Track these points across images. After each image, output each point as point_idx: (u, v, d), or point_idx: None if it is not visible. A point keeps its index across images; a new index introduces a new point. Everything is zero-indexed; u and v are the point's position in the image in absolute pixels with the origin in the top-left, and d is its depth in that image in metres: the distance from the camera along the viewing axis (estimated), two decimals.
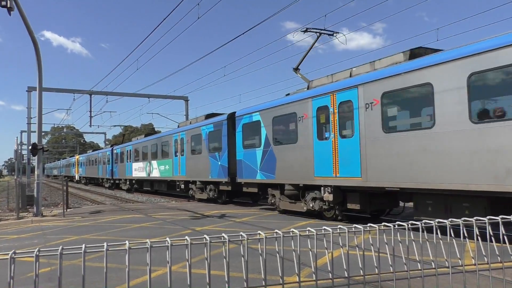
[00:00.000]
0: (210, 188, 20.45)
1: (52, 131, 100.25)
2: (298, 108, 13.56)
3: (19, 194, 16.96)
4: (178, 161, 23.35)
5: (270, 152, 14.89)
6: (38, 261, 3.16)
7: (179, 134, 23.52)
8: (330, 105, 12.28)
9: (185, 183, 23.07)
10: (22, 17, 14.95)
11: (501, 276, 4.86)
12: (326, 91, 12.49)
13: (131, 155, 32.78)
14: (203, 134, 20.41)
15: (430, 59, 9.48)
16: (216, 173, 18.99)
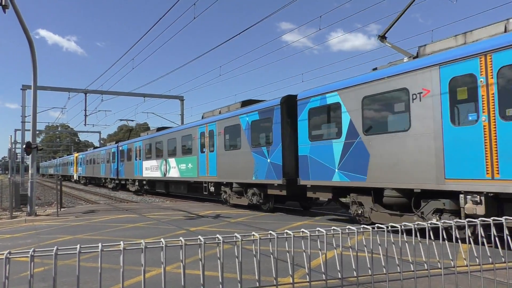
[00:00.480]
0: (253, 192, 16.25)
1: (47, 130, 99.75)
2: (411, 82, 9.71)
3: (12, 193, 16.88)
4: (206, 159, 19.33)
5: (358, 145, 11.11)
6: (33, 261, 3.17)
7: (206, 126, 19.45)
8: (480, 72, 8.39)
9: (215, 185, 19.00)
10: (17, 15, 14.89)
11: (493, 277, 4.92)
12: (471, 53, 8.55)
13: (141, 152, 28.64)
14: (243, 124, 16.47)
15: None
16: (264, 173, 15.08)
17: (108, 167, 37.71)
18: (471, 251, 5.49)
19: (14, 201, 16.94)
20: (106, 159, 38.22)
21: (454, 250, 4.80)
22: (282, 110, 14.38)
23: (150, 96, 34.99)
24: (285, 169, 14.14)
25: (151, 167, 26.67)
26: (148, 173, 27.22)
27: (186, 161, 21.53)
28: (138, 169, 29.09)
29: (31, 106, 16.75)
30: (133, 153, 30.40)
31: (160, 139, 25.45)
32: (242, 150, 16.51)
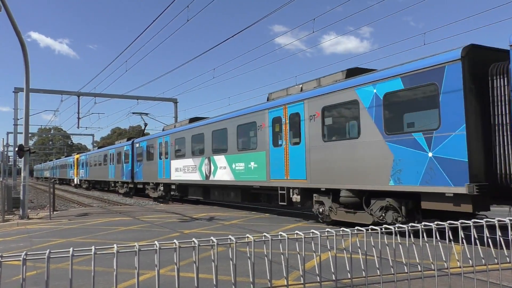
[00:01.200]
0: (385, 205, 10.50)
1: (39, 133, 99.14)
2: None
3: (5, 197, 16.74)
4: (284, 155, 13.94)
5: None
6: (25, 264, 3.14)
7: (285, 108, 13.94)
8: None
9: (302, 192, 13.27)
10: (10, 18, 14.80)
11: (486, 278, 4.94)
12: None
13: (168, 149, 23.05)
14: (365, 99, 10.88)
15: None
16: (418, 175, 9.50)
17: (119, 168, 31.95)
18: (464, 252, 5.52)
19: (6, 205, 16.79)
20: (116, 160, 32.76)
21: (447, 252, 4.82)
22: (464, 69, 8.72)
23: (143, 98, 34.88)
24: (473, 168, 8.55)
25: (184, 168, 21.07)
26: (179, 175, 21.53)
27: (246, 158, 15.90)
28: (164, 171, 23.32)
29: (24, 109, 16.64)
30: (156, 151, 24.65)
31: (199, 131, 19.67)
32: (363, 140, 10.94)
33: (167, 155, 23.11)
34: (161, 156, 23.94)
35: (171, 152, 22.59)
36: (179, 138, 21.80)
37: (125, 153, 30.47)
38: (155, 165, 24.76)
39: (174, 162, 22.23)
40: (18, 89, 30.62)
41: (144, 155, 26.56)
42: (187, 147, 20.85)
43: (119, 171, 31.80)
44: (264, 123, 14.82)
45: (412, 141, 9.65)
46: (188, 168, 20.75)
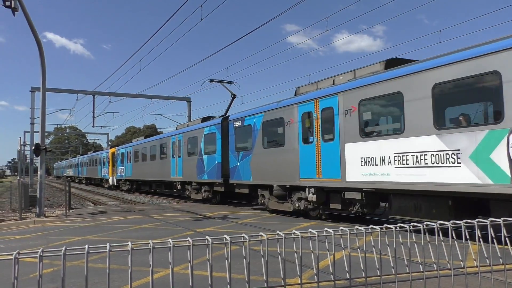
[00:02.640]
0: None
1: (55, 132, 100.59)
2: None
3: (21, 195, 17.02)
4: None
5: None
6: (42, 261, 3.18)
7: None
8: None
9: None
10: (27, 18, 15.01)
11: (503, 278, 4.86)
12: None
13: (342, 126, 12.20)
14: None
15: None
16: None
17: (191, 162, 21.50)
18: (481, 252, 5.44)
19: (23, 203, 17.07)
20: (185, 149, 22.20)
21: (463, 251, 4.75)
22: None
23: (157, 97, 35.11)
24: None
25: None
26: (373, 172, 10.97)
27: None
28: (335, 163, 12.24)
29: (40, 108, 16.88)
30: (295, 131, 13.96)
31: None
32: None
33: (337, 135, 12.19)
34: (311, 137, 13.26)
35: (347, 129, 11.89)
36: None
37: (206, 138, 20.24)
38: (293, 154, 13.97)
39: (357, 146, 11.50)
40: (35, 88, 31.08)
41: (261, 140, 15.93)
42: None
43: (192, 167, 21.17)
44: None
45: None
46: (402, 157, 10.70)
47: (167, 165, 24.82)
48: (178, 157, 23.10)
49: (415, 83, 9.84)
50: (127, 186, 35.49)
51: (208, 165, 19.82)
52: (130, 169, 33.41)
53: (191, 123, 23.67)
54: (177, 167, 23.24)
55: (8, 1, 13.88)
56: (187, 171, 21.90)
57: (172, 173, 24.01)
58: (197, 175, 20.70)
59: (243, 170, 16.99)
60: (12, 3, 13.93)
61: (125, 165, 35.11)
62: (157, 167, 26.68)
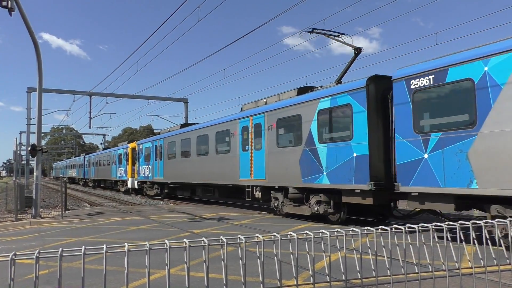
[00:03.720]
0: None
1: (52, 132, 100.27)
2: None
3: (17, 196, 16.96)
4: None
5: None
6: (38, 263, 3.19)
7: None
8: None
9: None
10: (23, 18, 14.98)
11: (498, 279, 4.89)
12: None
13: None
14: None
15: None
16: None
17: (289, 159, 14.29)
18: (475, 253, 5.47)
19: (19, 204, 17.01)
20: (273, 140, 15.21)
21: (458, 252, 4.78)
22: None
23: (154, 98, 35.08)
24: None
25: None
26: None
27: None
28: None
29: (36, 109, 16.84)
30: None
31: None
32: None
33: None
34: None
35: None
36: None
37: (323, 117, 13.02)
38: None
39: None
40: (31, 89, 31.02)
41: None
42: None
43: (288, 164, 14.27)
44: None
45: None
46: None
47: (230, 162, 17.70)
48: (256, 150, 16.02)
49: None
50: (155, 190, 27.12)
51: (332, 160, 12.35)
52: (161, 169, 25.62)
53: (273, 98, 15.94)
54: (252, 165, 16.24)
55: (5, 1, 13.85)
56: (275, 171, 14.88)
57: (243, 174, 16.77)
58: (301, 177, 13.55)
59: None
60: (9, 3, 13.91)
61: (152, 163, 27.00)
62: (211, 165, 19.54)
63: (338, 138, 12.31)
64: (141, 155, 29.40)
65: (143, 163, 28.94)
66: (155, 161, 26.62)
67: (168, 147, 24.75)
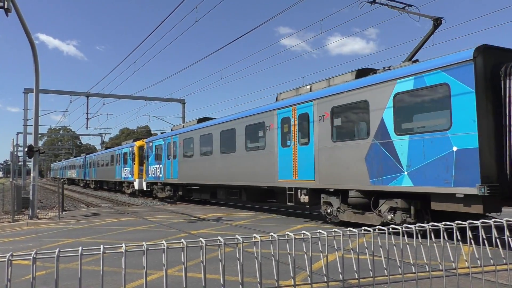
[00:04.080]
0: None
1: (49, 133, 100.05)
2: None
3: (14, 197, 16.91)
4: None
5: None
6: (35, 263, 3.18)
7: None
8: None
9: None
10: (20, 19, 14.95)
11: (494, 279, 4.91)
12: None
13: None
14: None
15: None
16: None
17: (354, 155, 11.44)
18: (472, 253, 5.49)
19: (15, 205, 16.96)
20: (329, 133, 12.33)
21: (455, 252, 4.79)
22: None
23: (151, 99, 35.05)
24: None
25: None
26: None
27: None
28: None
29: (33, 110, 16.80)
30: None
31: None
32: None
33: None
34: None
35: None
36: None
37: (398, 103, 10.42)
38: None
39: None
40: (28, 90, 30.96)
41: None
42: None
43: (352, 162, 11.57)
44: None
45: None
46: None
47: (265, 161, 15.10)
48: (301, 146, 13.34)
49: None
50: (167, 192, 24.58)
51: (418, 155, 9.76)
52: (175, 169, 22.78)
53: (321, 83, 13.39)
54: (296, 163, 13.49)
55: (1, 2, 13.82)
56: (328, 170, 12.22)
57: (284, 174, 14.06)
58: (368, 177, 10.98)
59: None
60: (5, 4, 13.88)
61: (164, 162, 24.33)
62: (238, 164, 16.88)
63: (427, 128, 9.68)
64: (150, 153, 26.46)
65: (153, 162, 26.02)
66: (167, 160, 23.79)
67: (183, 144, 21.95)
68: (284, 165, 14.05)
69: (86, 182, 51.56)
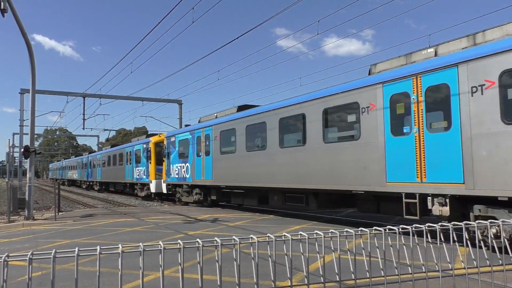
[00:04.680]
0: None
1: (45, 134, 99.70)
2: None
3: (10, 197, 16.84)
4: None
5: None
6: (31, 264, 3.17)
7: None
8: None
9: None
10: (16, 20, 14.91)
11: (490, 280, 4.93)
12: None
13: None
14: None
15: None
16: None
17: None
18: (468, 254, 5.51)
19: (11, 205, 16.89)
20: None
21: (451, 253, 4.81)
22: None
23: (148, 100, 34.97)
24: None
25: None
26: None
27: None
28: None
29: (29, 110, 16.75)
30: None
31: None
32: None
33: None
34: None
35: None
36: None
37: None
38: None
39: None
40: (24, 90, 30.79)
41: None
42: None
43: None
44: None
45: None
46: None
47: (360, 155, 11.20)
48: (432, 133, 9.45)
49: None
50: (195, 196, 20.21)
51: None
52: (208, 167, 18.48)
53: (456, 43, 9.64)
54: (423, 157, 9.59)
55: None
56: (498, 168, 8.14)
57: (397, 174, 10.18)
58: None
59: None
60: (2, 4, 13.83)
61: (191, 160, 20.01)
62: (311, 161, 12.85)
63: None
64: (172, 150, 22.28)
65: (176, 160, 21.83)
66: (197, 157, 19.40)
67: (221, 137, 17.63)
68: (397, 161, 10.10)
69: (89, 183, 48.05)
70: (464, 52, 8.99)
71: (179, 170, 21.40)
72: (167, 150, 22.97)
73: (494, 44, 8.43)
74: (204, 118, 20.44)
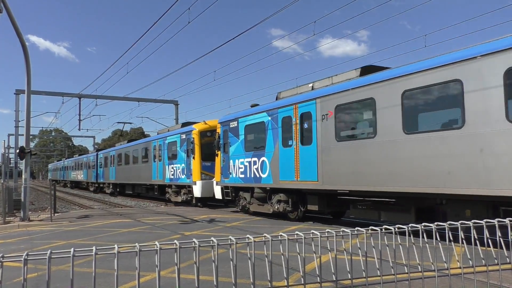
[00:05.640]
0: None
1: (40, 135, 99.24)
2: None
3: (5, 199, 16.76)
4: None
5: None
6: (27, 265, 3.15)
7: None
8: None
9: None
10: (11, 20, 14.84)
11: (486, 280, 4.95)
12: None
13: None
14: None
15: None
16: None
17: None
18: (464, 253, 5.53)
19: (7, 206, 16.81)
20: None
21: (447, 253, 4.82)
22: None
23: (144, 100, 34.92)
24: None
25: None
26: None
27: None
28: None
29: (25, 111, 16.68)
30: None
31: None
32: None
33: None
34: None
35: None
36: None
37: None
38: None
39: None
40: (19, 91, 30.68)
41: None
42: None
43: None
44: None
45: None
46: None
47: None
48: None
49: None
50: (278, 205, 14.19)
51: None
52: (311, 162, 12.61)
53: None
54: None
55: None
56: None
57: None
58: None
59: None
60: None
61: (271, 153, 14.42)
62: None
63: None
64: (233, 140, 16.73)
65: (240, 153, 16.26)
66: (283, 147, 13.87)
67: (337, 115, 11.79)
68: None
69: (98, 185, 40.97)
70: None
71: (246, 167, 15.83)
72: (223, 141, 17.39)
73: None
74: (286, 92, 14.75)
